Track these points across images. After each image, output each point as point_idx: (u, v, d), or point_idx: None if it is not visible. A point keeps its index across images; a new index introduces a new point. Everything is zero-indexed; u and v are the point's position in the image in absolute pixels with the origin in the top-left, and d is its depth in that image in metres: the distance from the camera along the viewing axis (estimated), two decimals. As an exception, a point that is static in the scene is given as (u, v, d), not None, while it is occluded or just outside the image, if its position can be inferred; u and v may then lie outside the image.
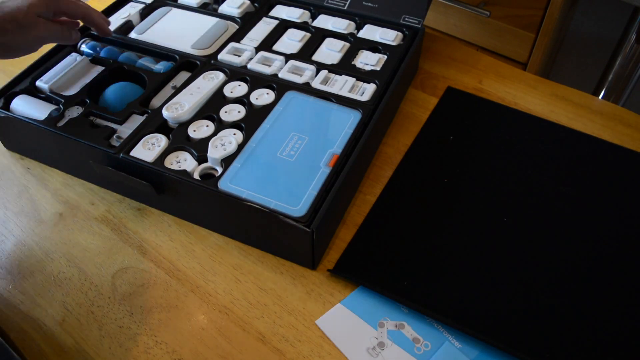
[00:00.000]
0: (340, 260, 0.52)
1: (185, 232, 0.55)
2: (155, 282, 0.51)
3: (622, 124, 0.65)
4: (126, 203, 0.58)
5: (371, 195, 0.58)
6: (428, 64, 0.75)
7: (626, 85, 0.98)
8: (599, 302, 0.48)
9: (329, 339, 0.47)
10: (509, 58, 0.99)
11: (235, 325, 0.48)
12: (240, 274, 0.52)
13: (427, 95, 0.70)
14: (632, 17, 0.96)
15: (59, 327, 0.48)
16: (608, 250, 0.52)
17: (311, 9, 0.73)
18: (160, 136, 0.55)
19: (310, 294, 0.50)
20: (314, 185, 0.50)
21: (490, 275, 0.50)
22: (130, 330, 0.48)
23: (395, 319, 0.48)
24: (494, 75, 0.73)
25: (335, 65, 0.64)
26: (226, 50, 0.65)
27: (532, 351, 0.45)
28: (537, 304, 0.48)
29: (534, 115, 0.66)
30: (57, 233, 0.55)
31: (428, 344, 0.46)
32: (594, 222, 0.54)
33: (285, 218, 0.47)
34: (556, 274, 0.50)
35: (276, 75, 0.62)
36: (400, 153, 0.62)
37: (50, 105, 0.59)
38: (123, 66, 0.63)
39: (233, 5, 0.72)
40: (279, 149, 0.54)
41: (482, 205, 0.56)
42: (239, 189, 0.50)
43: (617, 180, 0.58)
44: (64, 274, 0.52)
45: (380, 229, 0.54)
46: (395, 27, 0.68)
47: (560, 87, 0.71)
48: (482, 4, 0.94)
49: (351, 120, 0.56)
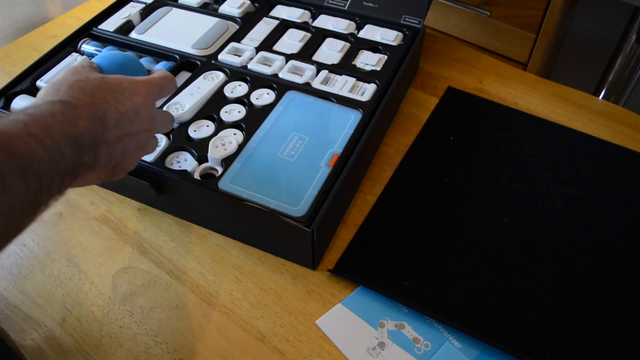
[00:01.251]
0: (340, 260, 0.52)
1: (185, 232, 0.55)
2: (156, 282, 0.51)
3: (623, 124, 0.65)
4: (126, 203, 0.58)
5: (371, 195, 0.58)
6: (428, 64, 0.75)
7: (626, 86, 0.98)
8: (599, 302, 0.48)
9: (329, 339, 0.47)
10: (509, 58, 0.99)
11: (236, 325, 0.48)
12: (241, 274, 0.52)
13: (427, 95, 0.70)
14: (632, 17, 0.96)
15: (59, 327, 0.48)
16: (608, 251, 0.52)
17: (311, 9, 0.73)
18: (160, 136, 0.55)
19: (310, 294, 0.50)
20: (314, 185, 0.50)
21: (491, 275, 0.50)
22: (130, 330, 0.48)
23: (395, 319, 0.48)
24: (494, 75, 0.73)
25: (335, 65, 0.64)
26: (226, 50, 0.65)
27: (532, 351, 0.45)
28: (537, 304, 0.48)
29: (534, 116, 0.66)
30: (57, 233, 0.55)
31: (428, 344, 0.46)
32: (594, 222, 0.54)
33: (286, 218, 0.47)
34: (556, 273, 0.50)
35: (276, 75, 0.62)
36: (401, 153, 0.62)
37: (50, 105, 0.59)
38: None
39: (233, 5, 0.72)
40: (279, 149, 0.54)
41: (482, 206, 0.56)
42: (239, 189, 0.50)
43: (617, 180, 0.58)
44: (64, 274, 0.52)
45: (381, 229, 0.54)
46: (395, 27, 0.68)
47: (561, 87, 0.71)
48: (482, 4, 0.94)
49: (351, 120, 0.56)
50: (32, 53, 0.77)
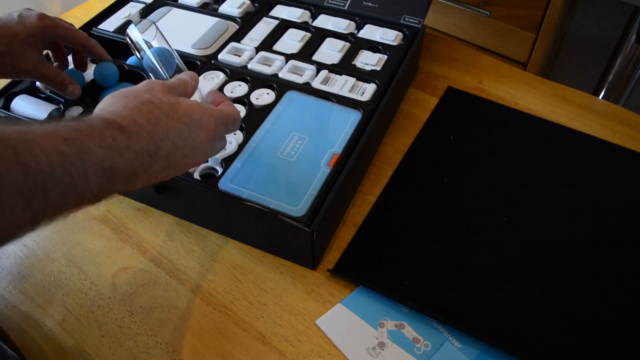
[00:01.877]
0: (340, 260, 0.52)
1: (185, 232, 0.55)
2: (156, 282, 0.51)
3: (622, 124, 0.65)
4: (126, 203, 0.58)
5: (371, 195, 0.58)
6: (428, 64, 0.75)
7: (626, 85, 0.98)
8: (599, 302, 0.48)
9: (329, 339, 0.47)
10: (509, 58, 0.99)
11: (235, 325, 0.48)
12: (240, 274, 0.52)
13: (427, 95, 0.70)
14: (632, 17, 0.96)
15: (59, 327, 0.48)
16: (608, 250, 0.52)
17: (311, 9, 0.73)
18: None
19: (310, 294, 0.50)
20: (314, 185, 0.50)
21: (490, 275, 0.50)
22: (130, 330, 0.48)
23: (395, 319, 0.48)
24: (494, 75, 0.73)
25: (335, 65, 0.64)
26: (226, 50, 0.65)
27: (532, 351, 0.45)
28: (537, 304, 0.48)
29: (534, 115, 0.66)
30: (57, 233, 0.55)
31: (428, 344, 0.46)
32: (594, 222, 0.54)
33: (286, 218, 0.47)
34: (556, 273, 0.50)
35: (276, 75, 0.62)
36: (400, 153, 0.62)
37: (50, 105, 0.59)
38: (123, 66, 0.63)
39: (233, 5, 0.72)
40: (279, 149, 0.54)
41: (482, 206, 0.56)
42: (239, 189, 0.50)
43: (617, 180, 0.58)
44: (64, 274, 0.52)
45: (380, 229, 0.54)
46: (395, 27, 0.68)
47: (561, 87, 0.71)
48: (482, 4, 0.94)
49: (351, 120, 0.56)
50: (32, 53, 0.77)
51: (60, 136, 0.31)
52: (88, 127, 0.33)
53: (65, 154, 0.31)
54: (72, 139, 0.32)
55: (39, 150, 0.30)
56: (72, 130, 0.32)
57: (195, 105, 0.41)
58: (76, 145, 0.32)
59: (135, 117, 0.36)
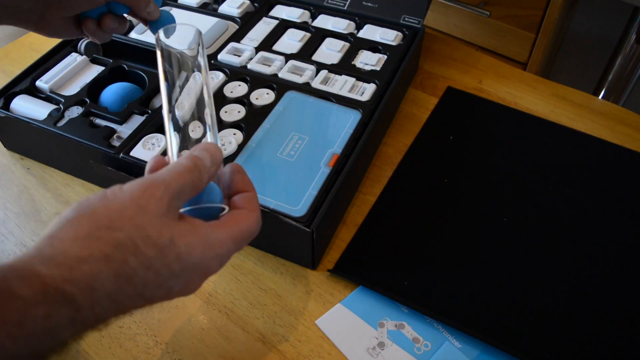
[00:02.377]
0: (340, 260, 0.52)
1: (185, 232, 0.55)
2: (155, 282, 0.51)
3: (622, 124, 0.65)
4: (126, 203, 0.58)
5: (371, 195, 0.58)
6: (428, 64, 0.75)
7: (626, 85, 0.98)
8: (599, 302, 0.48)
9: (329, 339, 0.47)
10: (509, 58, 1.00)
11: (235, 325, 0.48)
12: (240, 274, 0.52)
13: (427, 95, 0.70)
14: (632, 17, 0.96)
15: (59, 327, 0.48)
16: (608, 250, 0.52)
17: (311, 9, 0.73)
18: (160, 136, 0.55)
19: (310, 294, 0.50)
20: (314, 185, 0.50)
21: (491, 275, 0.50)
22: (130, 330, 0.48)
23: (395, 319, 0.48)
24: (494, 75, 0.73)
25: (335, 65, 0.63)
26: (226, 50, 0.65)
27: (532, 351, 0.45)
28: (537, 304, 0.48)
29: (534, 115, 0.66)
30: (57, 233, 0.55)
31: (428, 344, 0.46)
32: (594, 222, 0.54)
33: (285, 218, 0.47)
34: (556, 273, 0.50)
35: (276, 75, 0.62)
36: (400, 153, 0.62)
37: (50, 105, 0.59)
38: (123, 66, 0.63)
39: (233, 5, 0.72)
40: (279, 149, 0.54)
41: (482, 206, 0.56)
42: (239, 189, 0.49)
43: (617, 180, 0.58)
44: (64, 274, 0.52)
45: (380, 229, 0.54)
46: (395, 27, 0.68)
47: (561, 87, 0.71)
48: (482, 4, 0.94)
49: (351, 120, 0.56)
50: (32, 53, 0.77)
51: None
52: (4, 298, 0.22)
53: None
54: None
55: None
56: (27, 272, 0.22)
57: (196, 244, 0.29)
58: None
59: (97, 274, 0.25)
